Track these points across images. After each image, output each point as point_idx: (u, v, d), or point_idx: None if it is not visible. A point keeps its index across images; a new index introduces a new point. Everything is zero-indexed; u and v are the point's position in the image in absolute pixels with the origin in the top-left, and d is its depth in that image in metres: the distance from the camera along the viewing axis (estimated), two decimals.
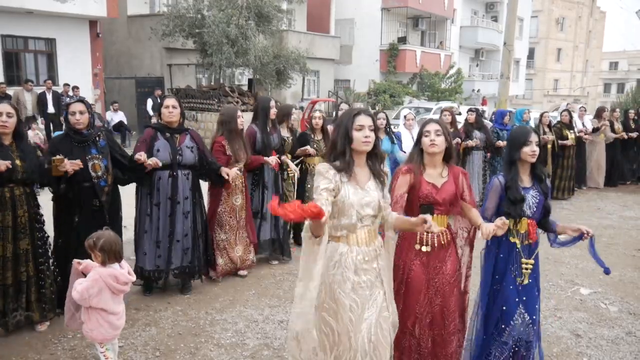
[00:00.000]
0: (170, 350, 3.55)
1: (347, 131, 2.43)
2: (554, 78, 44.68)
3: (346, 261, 2.44)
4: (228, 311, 4.21)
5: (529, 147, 2.97)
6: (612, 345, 3.80)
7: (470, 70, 32.30)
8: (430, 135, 2.87)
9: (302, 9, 23.61)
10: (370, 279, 2.49)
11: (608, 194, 9.53)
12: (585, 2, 45.23)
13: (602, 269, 3.03)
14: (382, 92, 23.86)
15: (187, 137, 4.34)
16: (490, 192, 3.07)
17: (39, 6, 12.97)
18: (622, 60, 53.56)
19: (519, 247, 3.00)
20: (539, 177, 3.05)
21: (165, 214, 4.24)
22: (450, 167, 2.99)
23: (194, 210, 4.39)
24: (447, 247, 2.95)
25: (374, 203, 2.46)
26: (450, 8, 28.51)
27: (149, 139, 4.20)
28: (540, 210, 3.03)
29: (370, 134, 2.43)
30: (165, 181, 4.23)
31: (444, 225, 2.93)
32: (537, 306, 3.08)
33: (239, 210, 4.83)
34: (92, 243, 2.86)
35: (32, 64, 14.30)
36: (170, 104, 4.23)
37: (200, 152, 4.37)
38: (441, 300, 2.90)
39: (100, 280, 2.84)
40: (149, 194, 4.24)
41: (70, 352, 3.47)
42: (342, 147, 2.44)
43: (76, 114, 3.72)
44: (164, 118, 4.24)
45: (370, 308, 2.46)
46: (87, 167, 3.73)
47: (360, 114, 2.45)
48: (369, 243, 2.50)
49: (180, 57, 17.79)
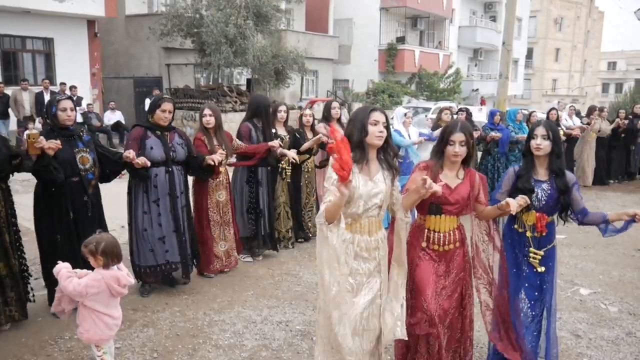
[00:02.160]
0: (168, 352, 3.52)
1: (363, 125, 2.55)
2: (552, 78, 44.74)
3: (348, 247, 2.55)
4: (226, 312, 4.18)
5: (534, 140, 3.04)
6: (612, 346, 3.79)
7: (468, 70, 32.32)
8: (455, 146, 2.85)
9: (300, 9, 23.60)
10: (369, 268, 2.61)
11: (607, 194, 9.54)
12: (583, 2, 45.29)
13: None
14: (381, 92, 23.87)
15: (176, 134, 4.44)
16: (504, 179, 3.16)
17: (37, 5, 12.93)
18: (620, 60, 53.65)
19: (529, 236, 3.07)
20: (556, 172, 3.04)
21: (166, 209, 4.28)
22: (468, 170, 2.99)
23: (187, 204, 4.51)
24: (455, 247, 2.95)
25: (381, 194, 2.57)
26: (449, 8, 28.53)
27: (139, 137, 4.23)
28: (552, 205, 3.04)
29: (384, 130, 2.56)
30: (162, 178, 4.27)
31: (454, 227, 2.95)
32: (539, 294, 3.12)
33: (222, 205, 4.89)
34: (94, 248, 2.83)
35: (29, 64, 14.26)
36: (168, 108, 4.28)
37: (188, 148, 4.48)
38: (449, 295, 2.92)
39: (103, 282, 2.83)
40: (145, 191, 4.25)
41: (67, 354, 3.44)
42: (359, 139, 2.54)
43: (67, 110, 3.78)
44: (157, 120, 4.28)
45: (366, 295, 2.59)
46: (75, 160, 3.79)
47: (376, 110, 2.60)
48: (372, 233, 2.60)
49: (178, 57, 17.75)
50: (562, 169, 3.05)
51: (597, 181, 10.10)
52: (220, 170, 4.76)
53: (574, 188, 3.07)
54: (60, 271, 2.85)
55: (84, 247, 2.87)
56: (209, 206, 4.83)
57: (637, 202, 8.96)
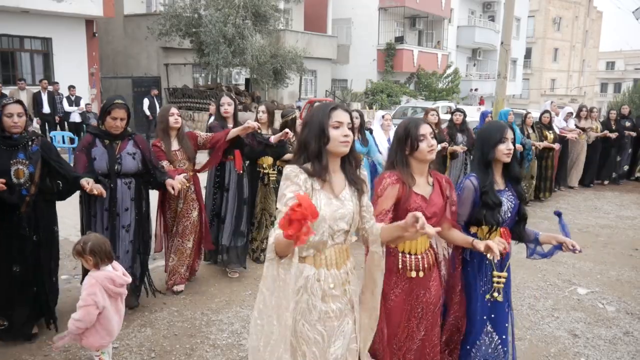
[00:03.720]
0: (165, 352, 3.52)
1: (322, 129, 2.00)
2: (551, 78, 44.81)
3: (313, 286, 2.03)
4: (224, 312, 4.18)
5: (505, 144, 2.65)
6: (609, 345, 3.79)
7: (467, 69, 32.38)
8: (427, 139, 2.41)
9: (299, 9, 23.63)
10: (340, 307, 2.09)
11: (605, 194, 9.54)
12: (582, 2, 45.35)
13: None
14: (380, 91, 23.90)
15: (130, 143, 3.90)
16: (463, 197, 2.68)
17: (35, 5, 12.94)
18: (618, 60, 53.75)
19: (490, 259, 2.58)
20: (514, 179, 2.73)
21: (102, 227, 3.81)
22: (433, 173, 2.58)
23: (136, 223, 3.96)
24: (431, 271, 2.52)
25: (349, 216, 2.05)
26: (448, 8, 28.57)
27: (87, 146, 3.76)
28: (512, 217, 2.70)
29: (350, 133, 2.03)
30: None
31: (427, 245, 2.52)
32: (508, 324, 2.77)
33: (179, 216, 4.48)
34: (80, 248, 2.81)
35: (28, 64, 14.28)
36: (120, 116, 3.74)
37: (145, 158, 3.95)
38: (424, 334, 2.52)
39: (97, 284, 2.80)
40: (88, 204, 3.81)
41: (64, 354, 3.44)
42: (317, 147, 2.01)
43: (14, 116, 3.35)
44: (108, 128, 3.77)
45: (337, 341, 2.08)
46: (10, 172, 3.34)
47: (337, 108, 2.04)
48: (340, 265, 2.09)
49: (177, 57, 17.77)
50: (521, 176, 2.73)
51: (586, 182, 10.01)
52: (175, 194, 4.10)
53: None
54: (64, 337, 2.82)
55: (73, 249, 2.85)
56: (169, 216, 4.50)
57: (634, 201, 8.97)
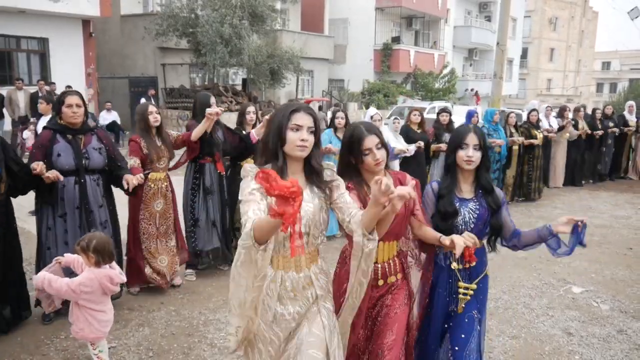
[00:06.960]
0: (163, 351, 3.54)
1: (280, 129, 1.97)
2: (547, 78, 44.97)
3: (269, 287, 1.99)
4: (221, 311, 4.20)
5: (464, 150, 2.46)
6: (603, 344, 3.82)
7: (463, 69, 32.46)
8: (372, 152, 2.26)
9: (296, 9, 23.65)
10: (299, 311, 2.03)
11: (599, 193, 9.60)
12: (577, 2, 45.51)
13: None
14: (376, 91, 23.95)
15: (94, 137, 3.78)
16: (425, 201, 2.55)
17: (32, 5, 12.92)
18: (614, 60, 53.92)
19: (455, 269, 2.49)
20: (485, 188, 2.53)
21: (73, 225, 3.67)
22: (392, 173, 2.43)
23: (111, 219, 3.90)
24: (396, 280, 2.42)
25: (307, 217, 1.98)
26: (444, 8, 28.63)
27: (47, 143, 3.57)
28: (481, 227, 2.51)
29: (309, 138, 1.96)
30: (71, 189, 3.66)
31: (394, 253, 2.42)
32: (469, 337, 2.48)
33: (159, 216, 4.37)
34: (85, 245, 2.85)
35: (24, 64, 14.25)
36: (74, 102, 3.57)
37: (109, 153, 3.83)
38: (380, 339, 2.37)
39: (96, 280, 2.85)
40: (51, 205, 3.65)
41: (62, 353, 3.45)
42: (274, 148, 1.99)
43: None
44: (65, 119, 3.60)
45: (291, 342, 2.03)
46: None
47: (299, 110, 1.98)
48: (300, 268, 2.03)
49: (173, 57, 17.76)
50: (491, 185, 2.54)
51: (568, 182, 10.03)
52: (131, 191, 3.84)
53: (503, 207, 2.55)
54: (44, 278, 2.80)
55: (77, 244, 2.89)
56: (141, 217, 4.30)
57: (629, 201, 9.02)
